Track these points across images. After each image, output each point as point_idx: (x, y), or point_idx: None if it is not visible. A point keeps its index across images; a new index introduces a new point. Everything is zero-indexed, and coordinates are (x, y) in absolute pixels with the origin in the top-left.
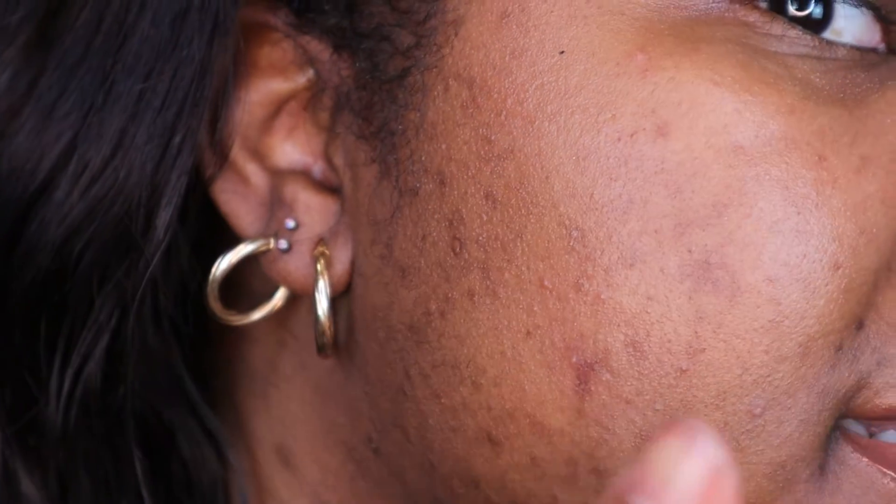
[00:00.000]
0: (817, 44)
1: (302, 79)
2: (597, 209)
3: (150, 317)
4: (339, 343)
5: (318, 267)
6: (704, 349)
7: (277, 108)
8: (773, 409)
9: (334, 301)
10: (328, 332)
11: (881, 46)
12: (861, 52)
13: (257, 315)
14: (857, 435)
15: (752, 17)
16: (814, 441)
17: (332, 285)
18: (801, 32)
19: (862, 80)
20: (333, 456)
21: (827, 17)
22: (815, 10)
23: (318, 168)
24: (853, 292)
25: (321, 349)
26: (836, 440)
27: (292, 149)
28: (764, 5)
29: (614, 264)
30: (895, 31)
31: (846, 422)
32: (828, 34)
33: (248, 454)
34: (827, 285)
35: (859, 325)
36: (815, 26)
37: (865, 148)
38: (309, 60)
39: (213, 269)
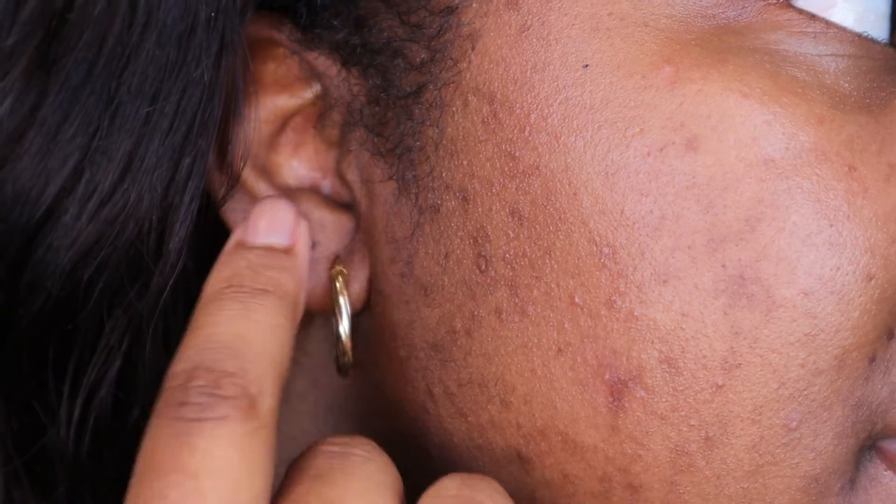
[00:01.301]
0: (855, 40)
1: (308, 94)
2: (628, 225)
3: (161, 339)
4: (355, 360)
5: (337, 285)
6: (740, 364)
7: (282, 124)
8: (809, 422)
9: (352, 319)
10: (350, 353)
11: None
12: (893, 52)
13: None
14: (890, 451)
15: (787, 16)
16: (846, 454)
17: (351, 304)
18: (839, 30)
19: (888, 84)
20: None
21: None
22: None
23: (327, 184)
24: (885, 302)
25: (342, 369)
26: (871, 458)
27: (299, 165)
28: (800, 4)
29: (647, 281)
30: None
31: (885, 441)
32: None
33: None
34: (861, 297)
35: (890, 334)
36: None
37: (893, 155)
38: (315, 76)
39: None
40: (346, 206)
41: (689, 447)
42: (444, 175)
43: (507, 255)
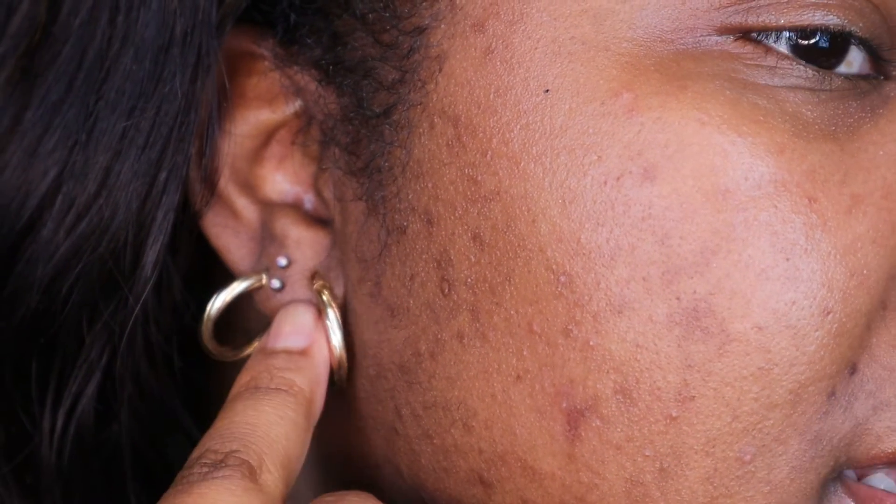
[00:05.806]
0: (811, 75)
1: (290, 109)
2: (584, 254)
3: (142, 352)
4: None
5: (325, 298)
6: (694, 397)
7: (267, 138)
8: (763, 455)
9: None
10: (345, 364)
11: (872, 73)
12: (854, 81)
13: (250, 350)
14: (853, 483)
15: (744, 49)
16: (806, 488)
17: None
18: (795, 64)
19: (854, 110)
20: (329, 488)
21: (835, 48)
22: (821, 40)
23: (308, 199)
24: (845, 336)
25: (336, 382)
26: (835, 490)
27: (283, 179)
28: (756, 37)
29: (603, 311)
30: (884, 65)
31: (849, 473)
32: (840, 66)
33: None
34: (817, 331)
35: (853, 369)
36: (819, 56)
37: (857, 186)
38: (296, 91)
39: (208, 309)
40: (324, 222)
41: (644, 478)
42: (410, 197)
43: (469, 280)
